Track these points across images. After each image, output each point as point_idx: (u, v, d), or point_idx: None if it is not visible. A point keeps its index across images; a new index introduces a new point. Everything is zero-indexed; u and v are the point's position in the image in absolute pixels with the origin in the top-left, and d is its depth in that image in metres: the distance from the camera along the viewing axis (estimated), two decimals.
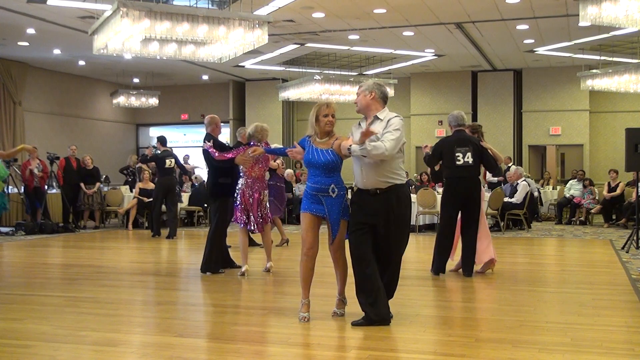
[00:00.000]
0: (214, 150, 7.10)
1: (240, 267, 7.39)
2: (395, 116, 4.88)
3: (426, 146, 7.93)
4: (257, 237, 10.34)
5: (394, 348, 4.33)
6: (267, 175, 8.61)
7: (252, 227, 7.26)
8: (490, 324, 5.06)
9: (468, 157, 7.13)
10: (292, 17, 12.15)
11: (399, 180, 4.91)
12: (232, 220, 7.44)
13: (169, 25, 8.18)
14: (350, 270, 4.99)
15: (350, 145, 4.84)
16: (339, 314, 5.14)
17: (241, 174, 7.30)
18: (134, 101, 17.52)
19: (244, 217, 7.25)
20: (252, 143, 7.17)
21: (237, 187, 7.31)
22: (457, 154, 7.13)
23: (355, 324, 4.82)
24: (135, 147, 21.10)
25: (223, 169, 7.32)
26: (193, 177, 15.28)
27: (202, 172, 15.34)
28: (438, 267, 7.31)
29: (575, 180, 15.05)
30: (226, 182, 7.39)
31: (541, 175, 17.95)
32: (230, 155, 7.09)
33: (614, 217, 14.16)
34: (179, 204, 13.30)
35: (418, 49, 15.30)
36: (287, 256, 9.21)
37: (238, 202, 7.27)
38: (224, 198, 7.44)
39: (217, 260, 7.50)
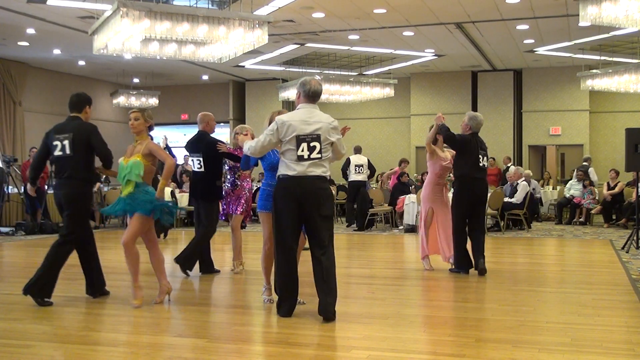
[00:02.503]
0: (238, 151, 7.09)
1: (219, 271, 7.54)
2: (279, 118, 4.99)
3: (442, 116, 7.23)
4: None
5: (394, 348, 4.32)
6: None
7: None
8: (490, 324, 5.05)
9: (485, 161, 7.36)
10: (292, 17, 12.15)
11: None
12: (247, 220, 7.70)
13: (169, 25, 8.19)
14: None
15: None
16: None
17: (239, 176, 7.36)
18: (134, 101, 17.51)
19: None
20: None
21: (247, 189, 7.42)
22: (479, 156, 7.28)
23: None
24: None
25: (220, 172, 7.32)
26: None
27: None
28: (463, 263, 7.29)
29: (575, 180, 15.05)
30: (220, 185, 7.37)
31: (541, 175, 17.95)
32: None
33: (614, 217, 14.16)
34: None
35: (418, 49, 15.30)
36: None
37: (244, 203, 7.38)
38: (217, 201, 7.41)
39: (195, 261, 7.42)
